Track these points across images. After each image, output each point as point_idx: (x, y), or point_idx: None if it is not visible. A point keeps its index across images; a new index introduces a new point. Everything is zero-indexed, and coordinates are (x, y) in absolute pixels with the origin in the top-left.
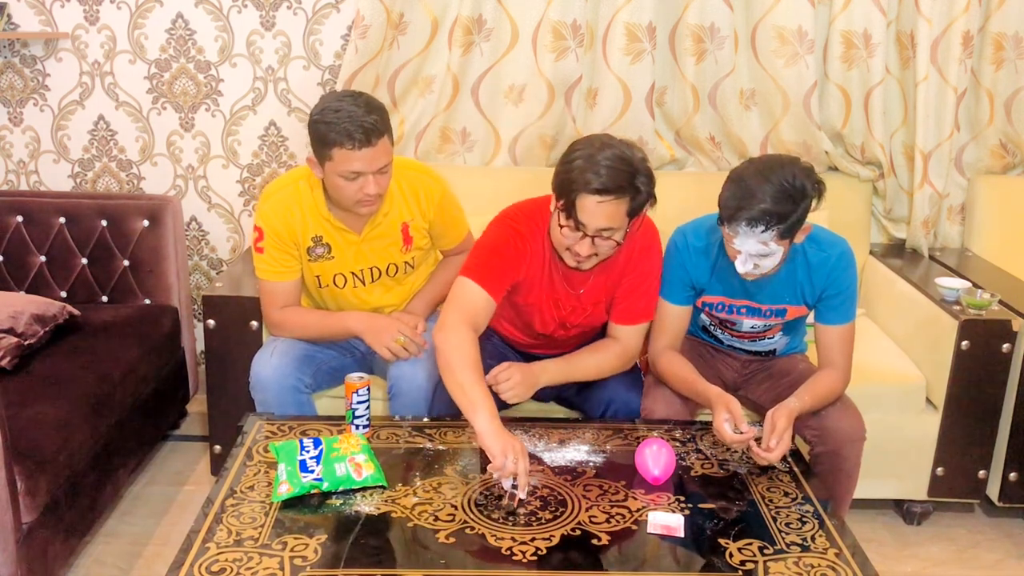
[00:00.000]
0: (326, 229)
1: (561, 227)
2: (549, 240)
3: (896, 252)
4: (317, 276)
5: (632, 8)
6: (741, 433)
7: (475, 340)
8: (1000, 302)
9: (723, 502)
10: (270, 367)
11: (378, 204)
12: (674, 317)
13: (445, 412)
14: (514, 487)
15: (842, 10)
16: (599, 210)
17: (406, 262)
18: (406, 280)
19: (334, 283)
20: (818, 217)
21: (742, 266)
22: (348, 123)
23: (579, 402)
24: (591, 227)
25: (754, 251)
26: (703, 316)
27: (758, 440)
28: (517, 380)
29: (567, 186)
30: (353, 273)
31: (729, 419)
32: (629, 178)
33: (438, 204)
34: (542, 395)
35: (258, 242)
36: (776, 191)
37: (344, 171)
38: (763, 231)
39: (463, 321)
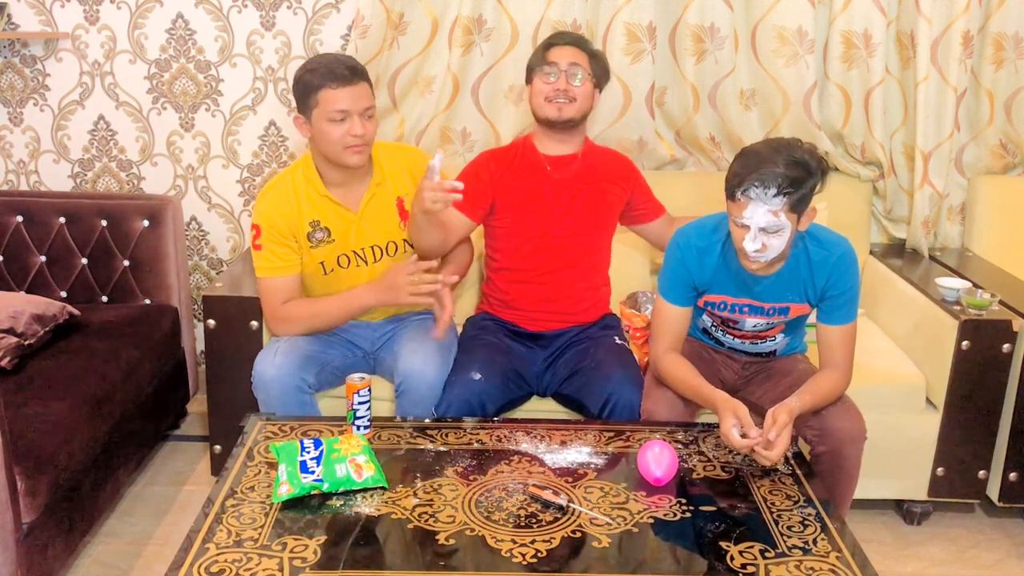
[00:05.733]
0: (324, 210)
1: (541, 81)
2: (530, 145)
3: (896, 252)
4: (321, 263)
5: (632, 8)
6: (748, 439)
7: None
8: (1000, 302)
9: (725, 505)
10: (273, 367)
11: (367, 153)
12: (676, 318)
13: (454, 412)
14: None
15: (842, 10)
16: (566, 51)
17: (404, 240)
18: (407, 259)
19: (339, 264)
20: (818, 217)
21: (751, 243)
22: (332, 63)
23: (580, 398)
24: (563, 63)
25: (763, 223)
26: (704, 317)
27: None
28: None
29: (536, 51)
30: (355, 252)
31: (737, 425)
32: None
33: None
34: (542, 390)
35: (256, 239)
36: (787, 159)
37: (331, 111)
38: (775, 195)
39: None
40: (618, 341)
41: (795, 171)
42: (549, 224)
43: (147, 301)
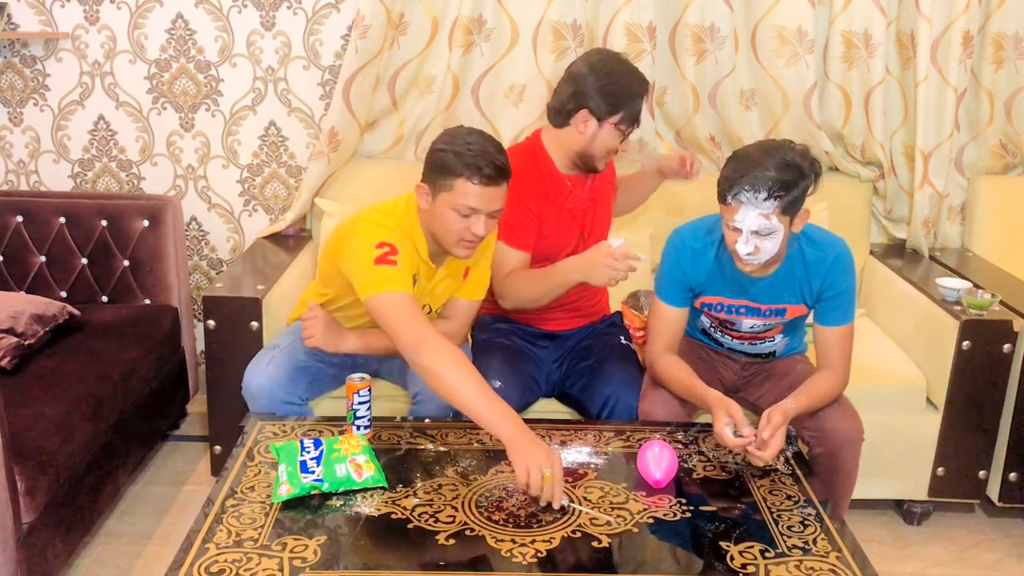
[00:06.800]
0: (422, 270)
1: (615, 138)
2: (553, 169)
3: (896, 252)
4: None
5: (632, 8)
6: (742, 437)
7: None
8: (1001, 302)
9: (725, 504)
10: (263, 377)
11: (476, 248)
12: (672, 319)
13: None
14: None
15: (842, 10)
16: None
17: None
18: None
19: None
20: (818, 217)
21: (744, 246)
22: (481, 157)
23: (581, 398)
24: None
25: (755, 226)
26: (703, 318)
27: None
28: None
29: (618, 97)
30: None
31: (730, 423)
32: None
33: (487, 244)
34: (549, 389)
35: (390, 255)
36: (778, 162)
37: (460, 205)
38: (766, 198)
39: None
40: (623, 341)
41: (786, 174)
42: (570, 248)
43: (147, 301)
